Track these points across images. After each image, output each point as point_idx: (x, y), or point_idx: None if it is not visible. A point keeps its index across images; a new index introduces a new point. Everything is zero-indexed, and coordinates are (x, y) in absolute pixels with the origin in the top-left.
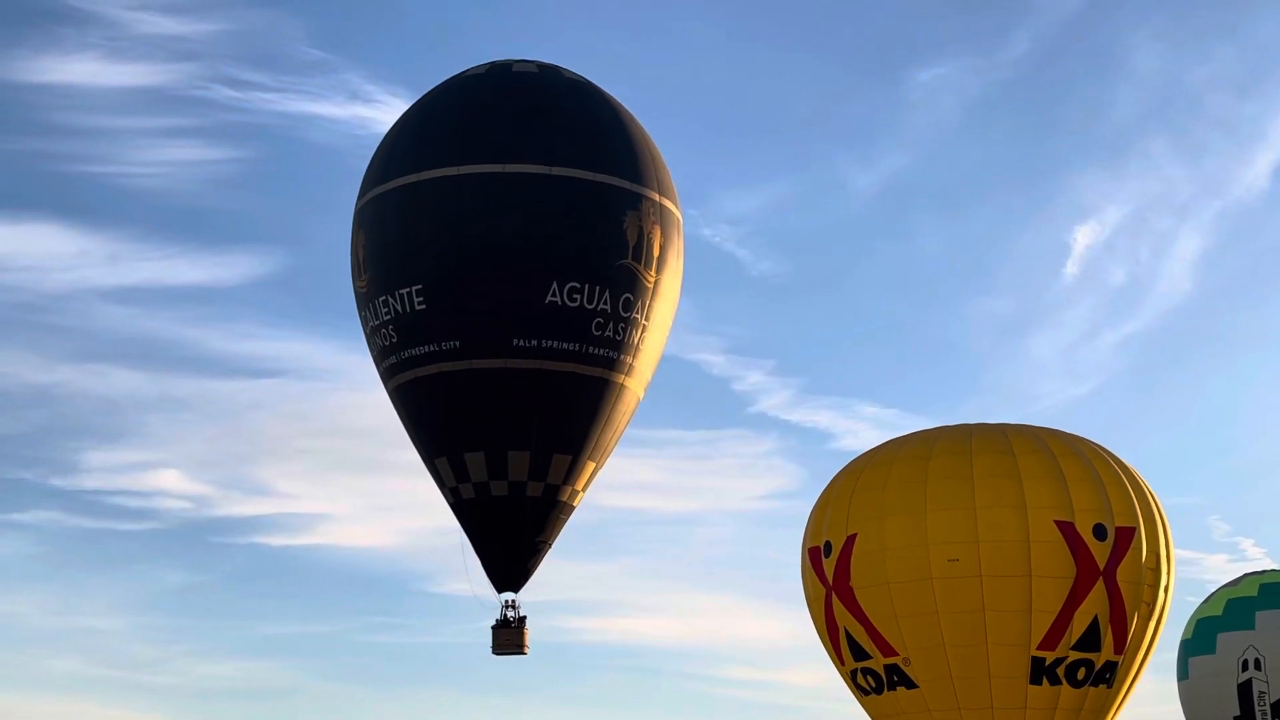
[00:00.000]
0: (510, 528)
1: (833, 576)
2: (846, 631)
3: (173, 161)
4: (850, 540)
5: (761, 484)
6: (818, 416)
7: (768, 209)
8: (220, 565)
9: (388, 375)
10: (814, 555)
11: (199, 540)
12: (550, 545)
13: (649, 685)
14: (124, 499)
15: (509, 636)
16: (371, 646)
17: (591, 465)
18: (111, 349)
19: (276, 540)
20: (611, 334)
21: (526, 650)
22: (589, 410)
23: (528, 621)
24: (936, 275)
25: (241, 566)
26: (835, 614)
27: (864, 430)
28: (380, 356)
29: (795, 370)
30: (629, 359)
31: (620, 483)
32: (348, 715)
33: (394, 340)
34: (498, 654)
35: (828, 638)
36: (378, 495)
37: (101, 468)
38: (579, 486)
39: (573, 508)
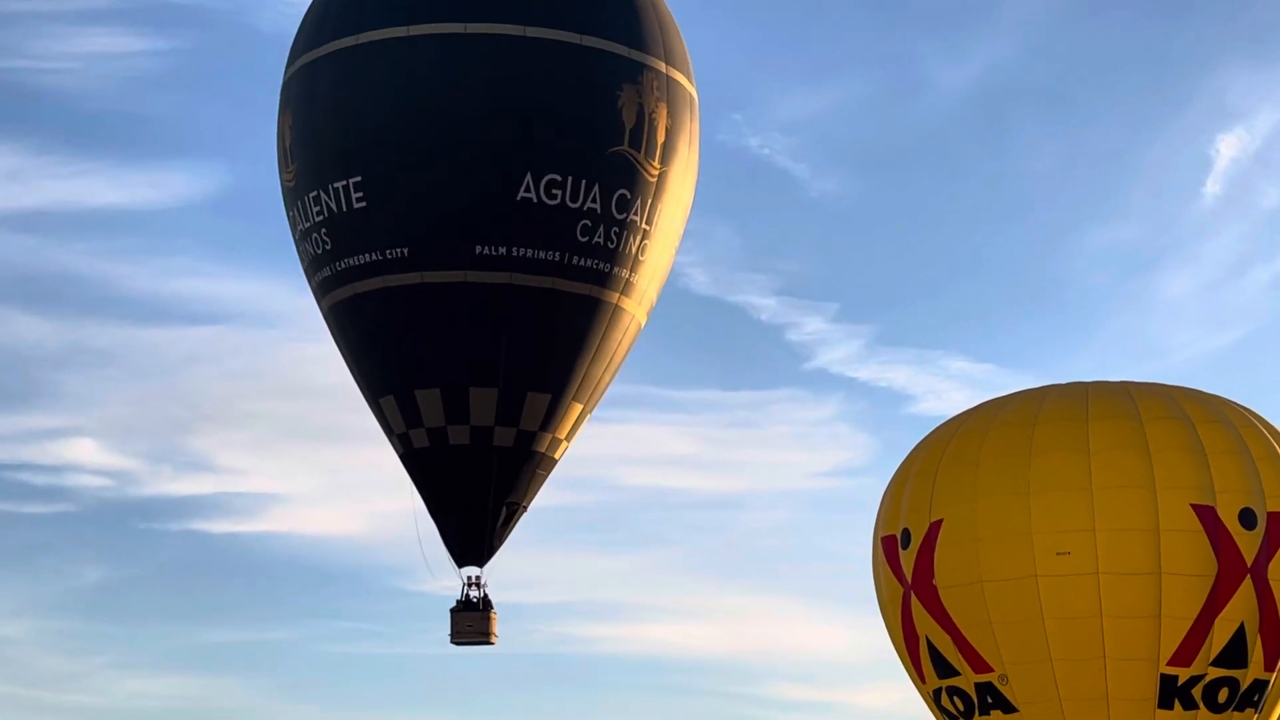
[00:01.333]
0: (473, 486)
1: (912, 573)
2: (929, 641)
3: (86, 54)
4: (934, 528)
5: (822, 458)
6: (892, 374)
7: (830, 113)
8: (150, 557)
9: (320, 292)
10: (889, 546)
11: (123, 526)
12: (525, 509)
13: (681, 708)
14: (29, 475)
15: (471, 622)
16: (337, 658)
17: (577, 408)
18: (12, 289)
19: (219, 526)
20: (602, 241)
21: (494, 639)
22: (573, 337)
23: (495, 605)
24: (1043, 197)
25: (176, 558)
26: (915, 619)
27: (951, 391)
28: (311, 268)
29: (864, 315)
30: (625, 273)
31: (646, 456)
32: None
33: (327, 247)
34: (457, 643)
35: (905, 649)
36: (344, 471)
37: (1, 436)
38: (561, 434)
39: (553, 461)
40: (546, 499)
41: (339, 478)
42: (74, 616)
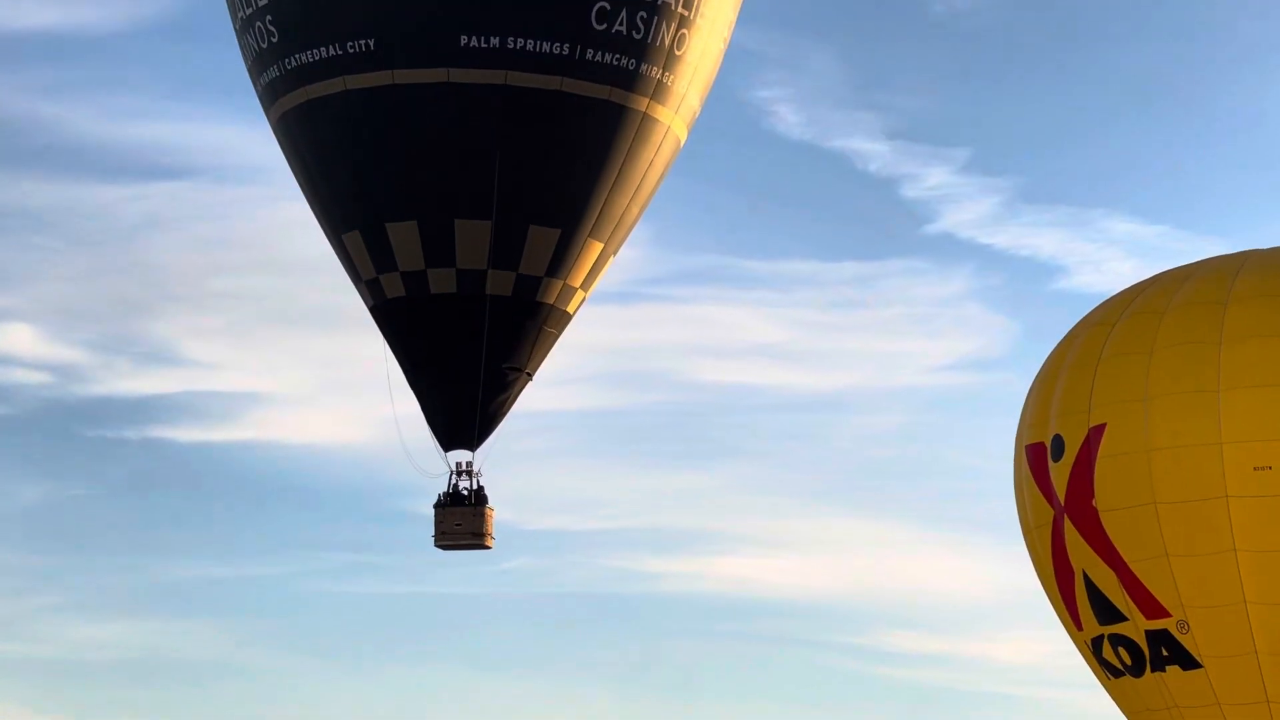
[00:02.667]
0: (461, 347)
1: (1065, 492)
2: (1086, 578)
3: None
4: (1094, 435)
5: (948, 346)
6: (1038, 239)
7: None
8: (100, 472)
9: (267, 98)
10: (1035, 459)
11: (66, 433)
12: (529, 377)
13: (766, 660)
14: None
15: (460, 520)
16: (336, 599)
17: (595, 248)
18: None
19: (186, 434)
20: (625, 29)
21: (490, 541)
22: (589, 155)
23: (490, 500)
24: (1245, 10)
25: (133, 475)
26: (1068, 550)
27: (1113, 260)
28: (255, 68)
29: (1002, 165)
30: (656, 71)
31: (724, 345)
32: (301, 703)
33: (273, 40)
34: (444, 547)
35: (1055, 588)
36: (341, 364)
37: None
38: (575, 281)
39: (565, 316)
40: (597, 400)
41: (335, 373)
42: (6, 547)
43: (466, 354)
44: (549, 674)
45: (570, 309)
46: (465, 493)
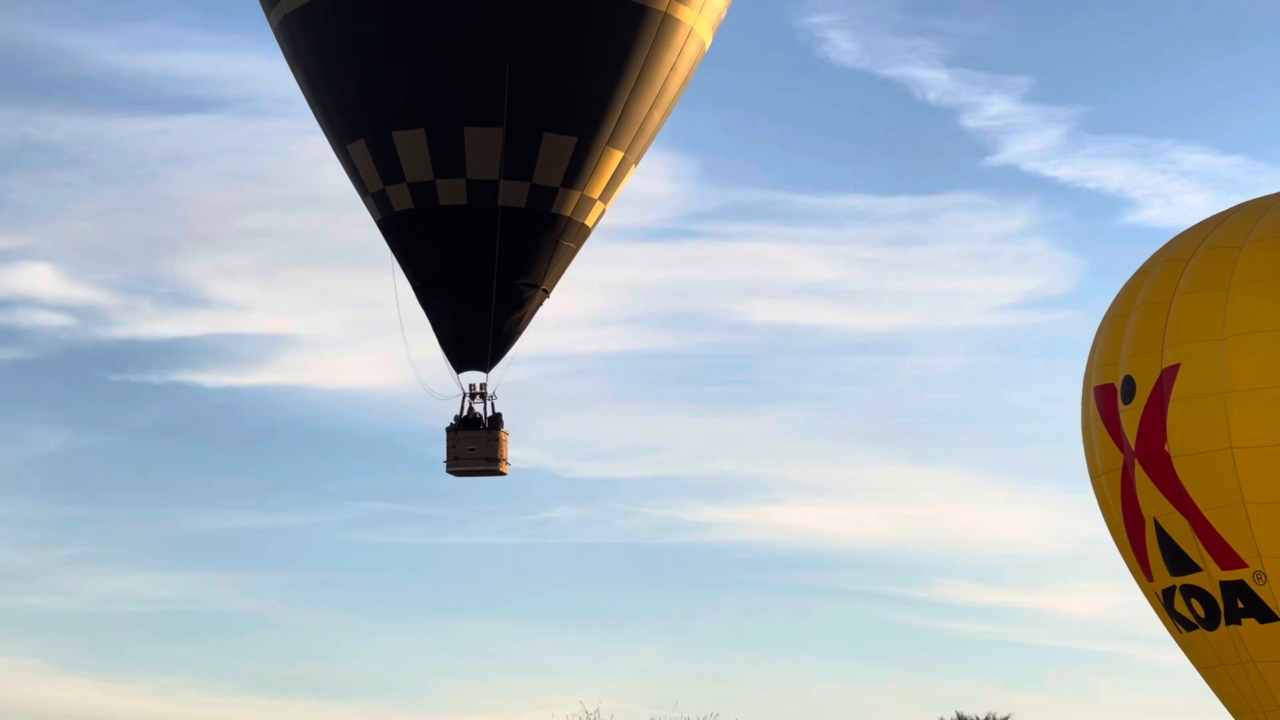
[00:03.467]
0: (472, 262)
1: (1136, 436)
2: (1158, 526)
3: None
4: (1167, 376)
5: (1010, 284)
6: (1105, 170)
7: None
8: (123, 419)
9: (268, 1)
10: (1104, 401)
11: (88, 378)
12: (546, 294)
13: (822, 613)
14: None
15: (473, 444)
16: (368, 550)
17: (615, 157)
18: None
19: (213, 378)
20: None
21: (505, 467)
22: (608, 58)
23: (506, 424)
24: None
25: (159, 421)
26: (1139, 497)
27: (1184, 193)
28: None
29: (1067, 93)
30: None
31: (776, 283)
32: (334, 658)
33: None
34: (456, 473)
35: (1125, 537)
36: (376, 305)
37: None
38: (593, 193)
39: (584, 230)
40: (643, 341)
41: (369, 314)
42: (28, 496)
43: (478, 270)
44: (593, 629)
45: (589, 222)
46: (480, 417)
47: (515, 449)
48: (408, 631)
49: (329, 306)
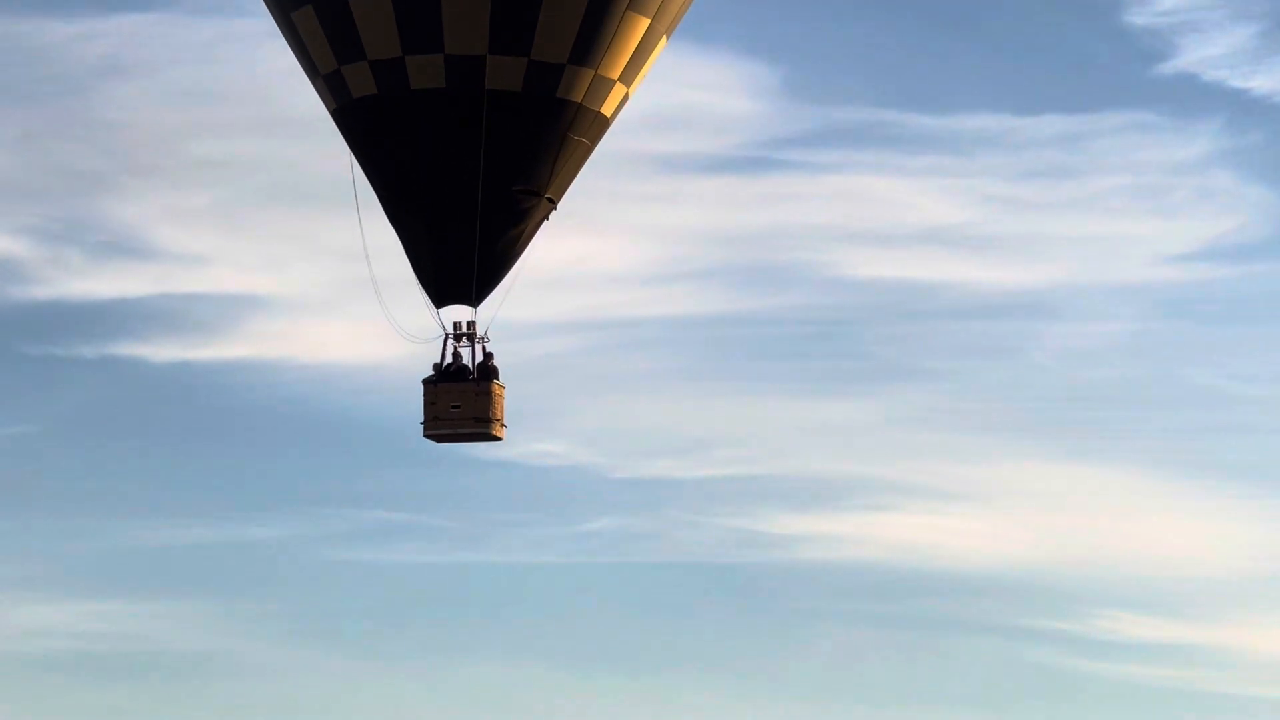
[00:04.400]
0: (454, 163)
1: None
2: None
3: None
4: None
5: (1188, 228)
6: None
7: None
8: (45, 404)
9: None
10: None
11: (4, 351)
12: (553, 204)
13: (946, 652)
14: None
15: (457, 399)
16: (363, 572)
17: (640, 24)
18: None
19: (160, 351)
20: None
21: (499, 430)
22: None
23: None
24: None
25: (90, 406)
26: None
27: None
28: None
29: None
30: None
31: (885, 227)
32: (316, 709)
33: None
34: (434, 436)
35: None
36: (371, 256)
37: None
38: (612, 71)
39: (601, 120)
40: (712, 303)
41: (360, 268)
42: None
43: (461, 173)
44: (648, 674)
45: (606, 110)
46: (465, 365)
47: (548, 440)
48: (410, 676)
49: (308, 258)
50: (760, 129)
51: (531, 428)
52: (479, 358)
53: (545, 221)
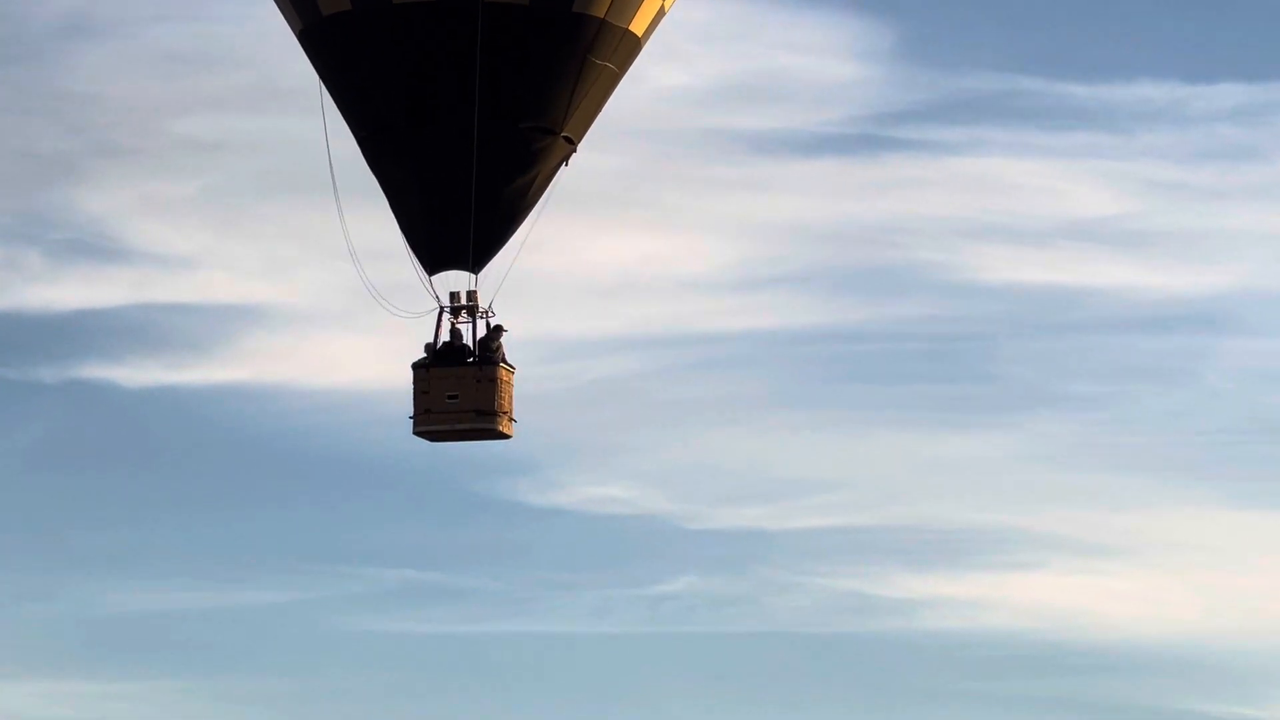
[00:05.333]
0: (446, 93)
1: None
2: None
3: None
4: None
5: None
6: None
7: None
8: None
9: None
10: None
11: None
12: (571, 145)
13: None
14: None
15: (456, 387)
16: (389, 645)
17: None
18: None
19: (137, 373)
20: None
21: (507, 426)
22: None
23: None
24: None
25: (51, 440)
26: None
27: None
28: None
29: None
30: None
31: (1024, 219)
32: None
33: None
34: (426, 434)
35: None
36: (391, 256)
37: None
38: None
39: (631, 39)
40: (812, 313)
41: (380, 269)
42: None
43: (454, 107)
44: None
45: (636, 27)
46: (463, 343)
47: (609, 483)
48: None
49: (317, 259)
50: (870, 100)
51: (589, 467)
52: (481, 333)
53: (564, 167)
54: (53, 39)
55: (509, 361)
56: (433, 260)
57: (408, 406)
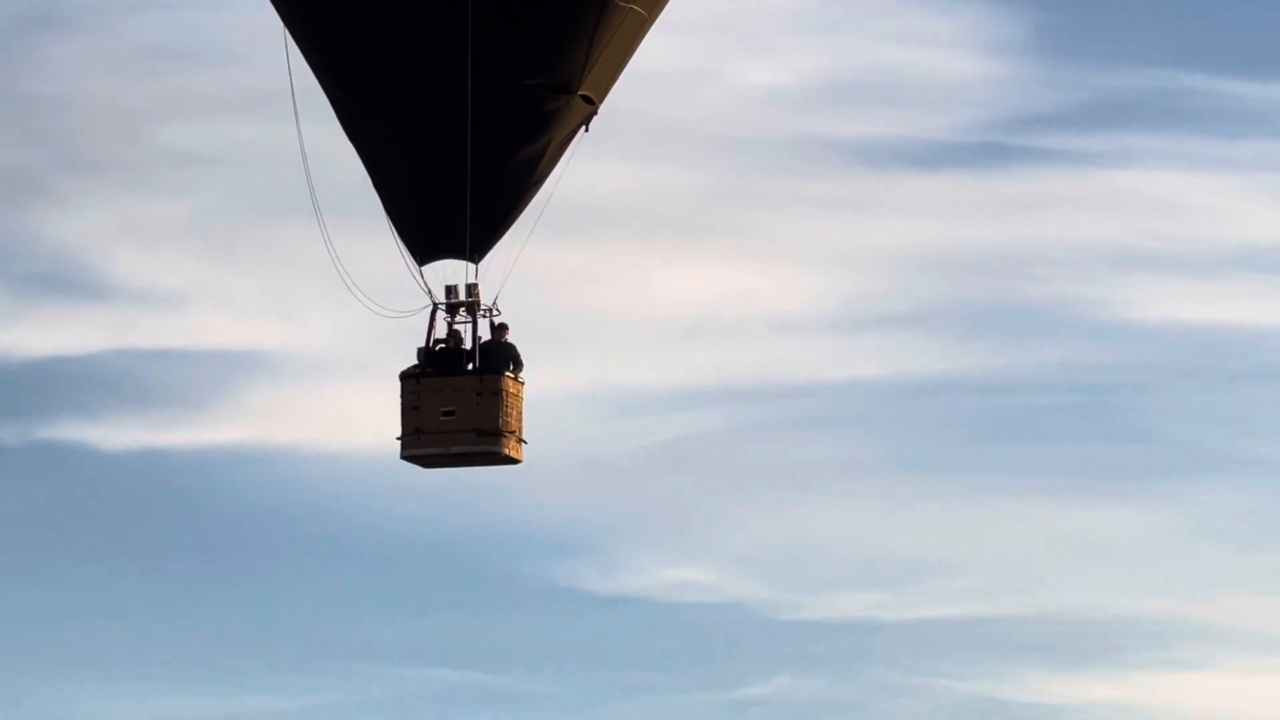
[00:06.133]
0: (437, 43)
1: None
2: None
3: None
4: None
5: None
6: None
7: None
8: None
9: None
10: None
11: None
12: (591, 104)
13: None
14: None
15: (451, 401)
16: None
17: None
18: None
19: (124, 434)
20: None
21: (514, 450)
22: None
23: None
24: None
25: (18, 512)
26: None
27: None
28: None
29: None
30: None
31: (1192, 244)
32: None
33: None
34: (415, 458)
35: None
36: (418, 290)
37: None
38: None
39: None
40: (931, 358)
41: (405, 306)
42: None
43: (446, 57)
44: None
45: None
46: (459, 342)
47: (688, 564)
48: None
49: (328, 294)
50: (1001, 102)
51: (662, 546)
52: (483, 335)
53: (583, 133)
54: (15, 32)
55: (518, 367)
56: (423, 247)
57: (440, 471)
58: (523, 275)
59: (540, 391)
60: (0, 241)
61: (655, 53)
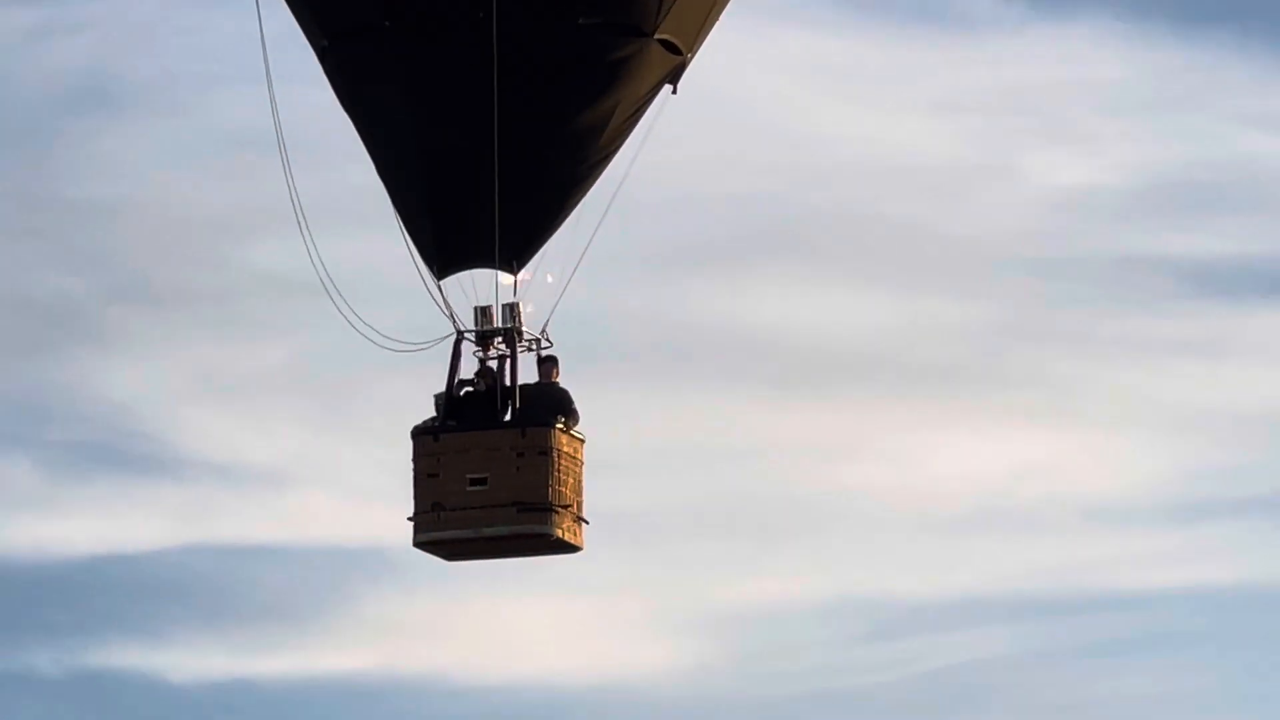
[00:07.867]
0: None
1: None
2: None
3: None
4: None
5: None
6: None
7: None
8: None
9: None
10: None
11: None
12: (679, 54)
13: None
14: None
15: (480, 464)
16: None
17: None
18: None
19: (200, 661)
20: None
21: (572, 531)
22: None
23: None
24: None
25: None
26: None
27: None
28: None
29: None
30: None
31: None
32: None
33: None
34: (431, 547)
35: None
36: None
37: None
38: None
39: None
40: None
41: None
42: None
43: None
44: None
45: None
46: (492, 383)
47: None
48: None
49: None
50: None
51: None
52: (528, 375)
53: (667, 92)
54: (54, 113)
55: (571, 419)
56: (443, 254)
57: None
58: (739, 444)
59: (764, 599)
60: (34, 398)
61: (923, 143)
